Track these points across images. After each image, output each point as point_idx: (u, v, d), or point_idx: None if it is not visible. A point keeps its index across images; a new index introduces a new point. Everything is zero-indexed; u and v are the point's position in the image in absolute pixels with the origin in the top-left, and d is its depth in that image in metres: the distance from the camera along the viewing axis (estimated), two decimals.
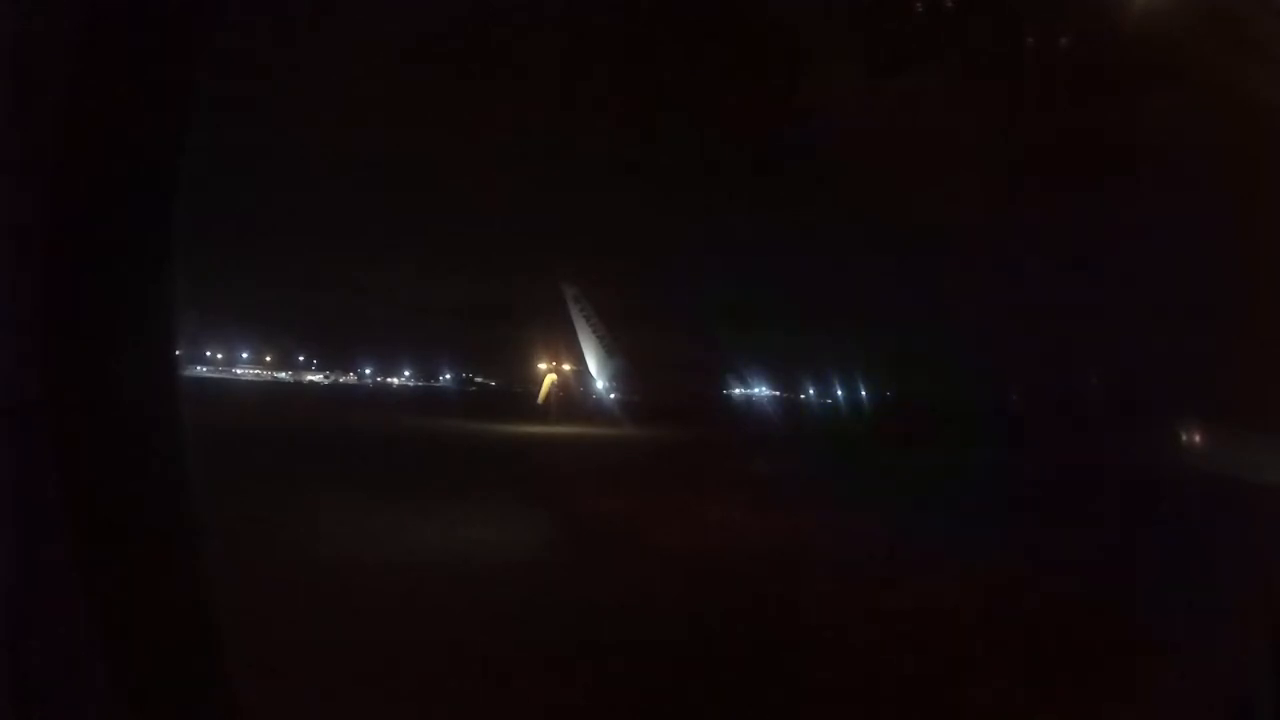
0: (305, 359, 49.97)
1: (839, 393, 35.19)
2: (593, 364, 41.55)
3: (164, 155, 2.49)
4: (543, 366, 41.63)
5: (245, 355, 48.55)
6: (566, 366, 41.88)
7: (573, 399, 39.13)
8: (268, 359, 49.67)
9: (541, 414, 33.61)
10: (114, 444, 2.30)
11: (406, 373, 50.10)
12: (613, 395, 40.03)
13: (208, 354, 43.50)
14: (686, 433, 26.19)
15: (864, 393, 33.47)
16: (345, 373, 50.33)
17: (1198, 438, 19.06)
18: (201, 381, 33.48)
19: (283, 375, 48.76)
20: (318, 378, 49.28)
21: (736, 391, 41.26)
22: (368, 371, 50.45)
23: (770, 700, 5.76)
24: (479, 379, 49.25)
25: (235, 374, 45.64)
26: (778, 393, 39.78)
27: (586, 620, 7.10)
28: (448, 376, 49.49)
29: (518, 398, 39.62)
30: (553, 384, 40.55)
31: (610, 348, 41.02)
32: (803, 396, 38.99)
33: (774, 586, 8.66)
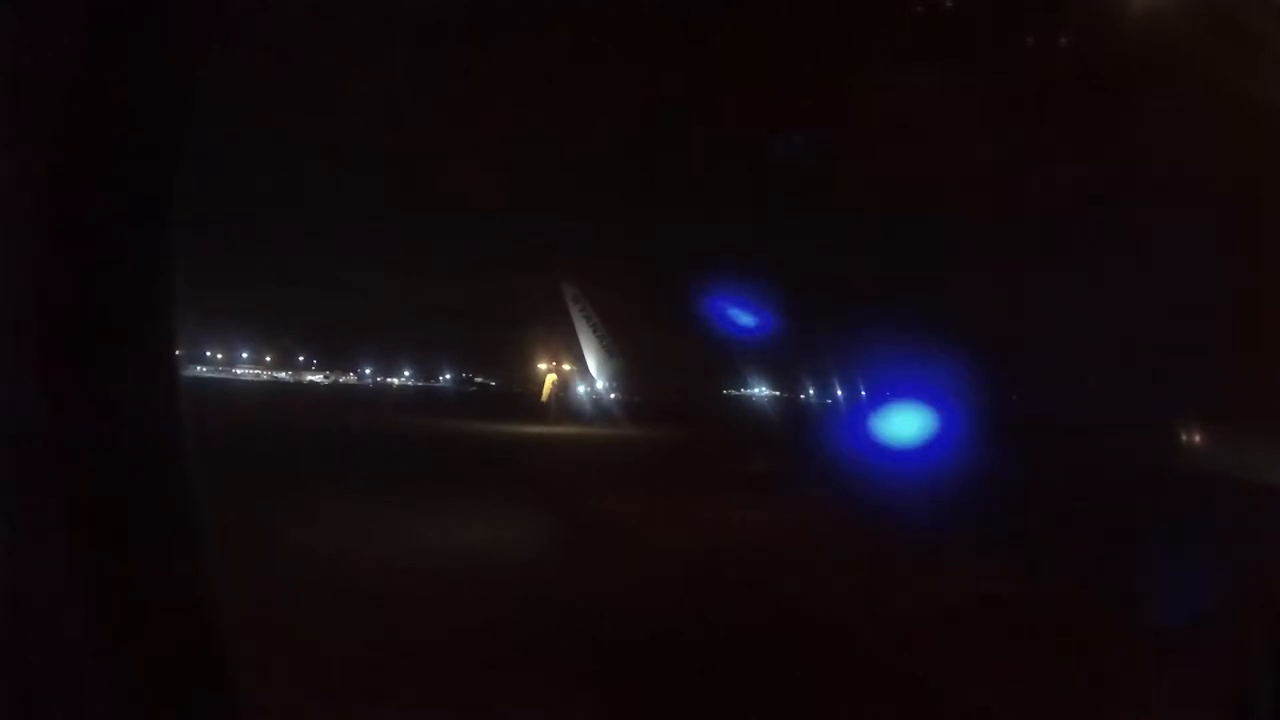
0: (305, 359, 50.09)
1: (838, 393, 35.22)
2: (593, 364, 41.59)
3: (164, 156, 2.49)
4: (543, 366, 41.72)
5: (245, 355, 48.64)
6: (566, 366, 41.94)
7: (573, 399, 39.16)
8: (268, 359, 49.77)
9: (542, 413, 33.61)
10: (114, 444, 2.30)
11: (406, 373, 50.18)
12: (613, 395, 40.05)
13: (208, 354, 43.58)
14: (686, 432, 26.20)
15: (863, 393, 33.49)
16: (345, 373, 50.40)
17: (1198, 438, 19.09)
18: (201, 381, 33.48)
19: (283, 375, 48.80)
20: (318, 378, 49.32)
21: (736, 391, 41.30)
22: (368, 371, 50.53)
23: (770, 697, 5.76)
24: (479, 379, 49.36)
25: (235, 374, 45.67)
26: (777, 393, 39.83)
27: (599, 616, 7.13)
28: (447, 376, 49.59)
29: (518, 398, 39.62)
30: (553, 384, 40.59)
31: (610, 348, 41.04)
32: (802, 396, 39.04)
33: (767, 583, 8.67)
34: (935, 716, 5.65)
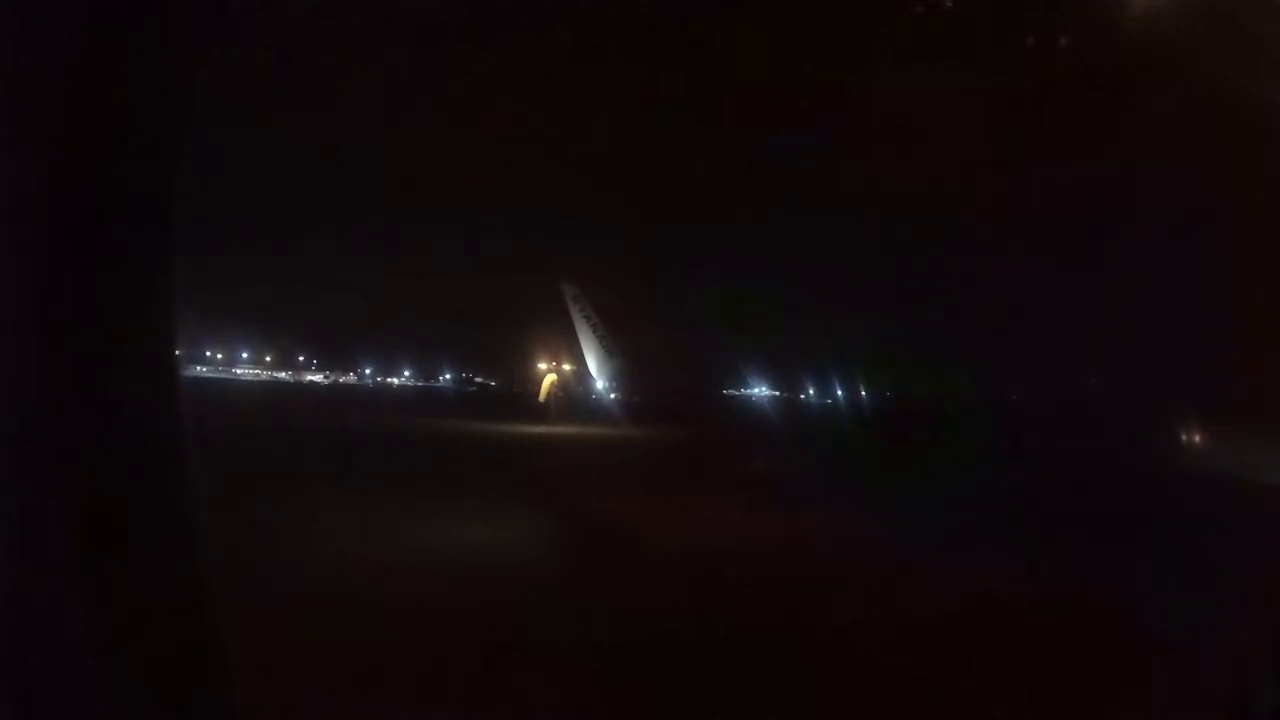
0: (305, 359, 50.01)
1: (838, 393, 35.25)
2: (593, 364, 41.56)
3: (164, 156, 2.49)
4: (543, 366, 41.67)
5: (245, 355, 48.58)
6: (566, 366, 41.92)
7: (573, 399, 39.13)
8: (268, 359, 49.71)
9: (541, 414, 33.59)
10: (114, 444, 2.30)
11: (406, 373, 50.13)
12: (613, 395, 40.03)
13: (208, 354, 43.53)
14: (686, 433, 26.18)
15: (863, 393, 33.52)
16: (345, 373, 50.33)
17: (1198, 438, 19.10)
18: (201, 381, 33.45)
19: (283, 375, 48.74)
20: (318, 378, 49.26)
21: (736, 391, 41.31)
22: (368, 371, 50.48)
23: (770, 697, 5.76)
24: (479, 379, 49.29)
25: (235, 374, 45.63)
26: (777, 393, 39.84)
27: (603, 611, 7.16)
28: (447, 376, 49.53)
29: (518, 398, 39.60)
30: (553, 384, 40.56)
31: (610, 348, 41.01)
32: (802, 396, 39.06)
33: (767, 583, 8.68)
34: (936, 716, 5.65)
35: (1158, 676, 5.81)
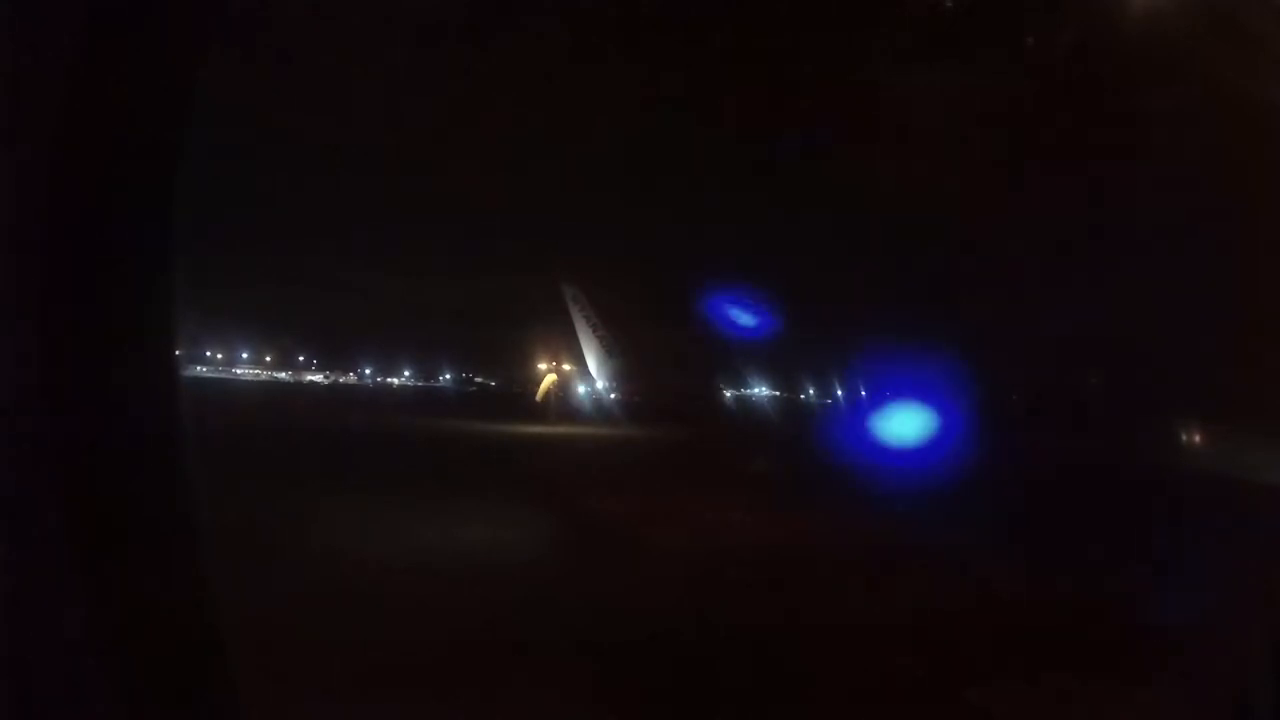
0: (305, 359, 50.00)
1: (838, 393, 35.20)
2: (593, 364, 41.54)
3: (164, 156, 2.49)
4: (543, 366, 41.64)
5: (245, 355, 48.58)
6: (566, 366, 41.89)
7: (572, 399, 39.13)
8: (268, 359, 49.71)
9: (541, 414, 33.60)
10: (113, 444, 2.30)
11: (406, 373, 50.13)
12: (613, 395, 40.02)
13: (208, 354, 43.52)
14: (685, 433, 26.18)
15: (863, 393, 33.49)
16: (345, 373, 50.35)
17: (1198, 438, 19.09)
18: (201, 381, 33.44)
19: (283, 375, 48.75)
20: (318, 378, 49.28)
21: (736, 391, 41.31)
22: (368, 371, 50.49)
23: (770, 697, 5.77)
24: (479, 379, 49.30)
25: (235, 374, 45.63)
26: (777, 393, 39.82)
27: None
28: (447, 376, 49.55)
29: (517, 398, 39.61)
30: (552, 384, 40.55)
31: (610, 348, 41.00)
32: (802, 397, 39.03)
33: (767, 583, 8.67)
34: (936, 716, 5.65)
35: (1157, 674, 5.82)
